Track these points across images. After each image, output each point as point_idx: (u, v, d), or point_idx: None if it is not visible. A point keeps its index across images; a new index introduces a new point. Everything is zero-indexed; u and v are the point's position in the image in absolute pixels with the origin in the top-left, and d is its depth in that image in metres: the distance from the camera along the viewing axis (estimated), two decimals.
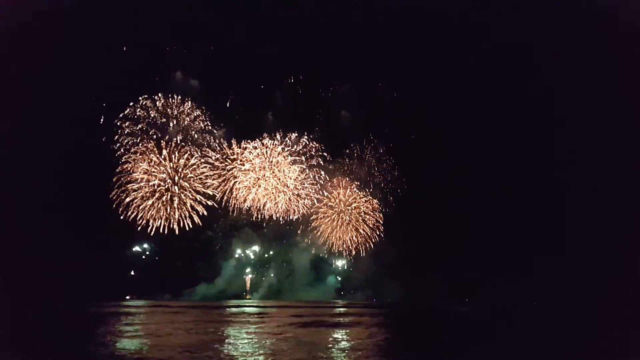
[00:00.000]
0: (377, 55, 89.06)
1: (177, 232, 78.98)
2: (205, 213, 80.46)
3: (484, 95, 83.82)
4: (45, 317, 46.52)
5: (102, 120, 77.75)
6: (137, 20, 74.90)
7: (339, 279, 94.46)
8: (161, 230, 78.43)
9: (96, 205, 75.59)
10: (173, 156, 79.51)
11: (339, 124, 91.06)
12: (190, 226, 79.76)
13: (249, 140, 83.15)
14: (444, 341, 34.37)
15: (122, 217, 76.70)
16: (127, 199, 77.16)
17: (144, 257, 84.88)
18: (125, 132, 78.44)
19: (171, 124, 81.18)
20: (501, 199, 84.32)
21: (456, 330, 43.66)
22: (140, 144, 78.53)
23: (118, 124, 78.23)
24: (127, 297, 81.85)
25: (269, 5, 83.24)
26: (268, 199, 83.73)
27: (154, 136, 79.40)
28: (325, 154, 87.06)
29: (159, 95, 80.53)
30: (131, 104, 78.98)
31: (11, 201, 61.04)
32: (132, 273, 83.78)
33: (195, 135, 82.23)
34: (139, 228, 77.93)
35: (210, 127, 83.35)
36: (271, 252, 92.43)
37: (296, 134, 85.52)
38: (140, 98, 79.48)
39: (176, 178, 79.41)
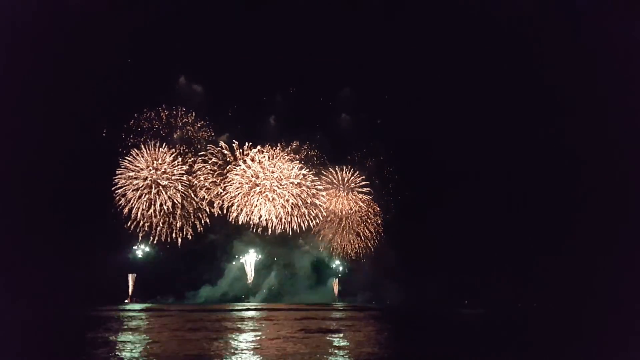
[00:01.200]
0: (377, 59, 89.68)
1: (179, 242, 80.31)
2: (208, 221, 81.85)
3: (483, 97, 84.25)
4: (44, 320, 47.30)
5: (104, 132, 79.09)
6: (138, 23, 75.87)
7: (340, 281, 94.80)
8: (163, 239, 79.82)
9: (99, 210, 76.84)
10: (175, 162, 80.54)
11: (340, 128, 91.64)
12: (193, 235, 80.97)
13: (251, 147, 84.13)
14: (444, 344, 34.44)
15: (124, 227, 78.34)
16: (128, 207, 78.62)
17: (147, 260, 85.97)
18: (129, 143, 79.77)
19: (174, 135, 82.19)
20: (501, 201, 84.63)
21: (456, 334, 43.71)
22: (145, 153, 79.88)
23: (122, 135, 79.76)
24: (126, 301, 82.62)
25: (269, 9, 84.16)
26: (271, 205, 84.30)
27: (157, 145, 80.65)
28: (327, 162, 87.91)
29: (163, 106, 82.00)
30: (135, 115, 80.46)
31: (15, 205, 62.35)
32: (135, 276, 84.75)
33: (199, 145, 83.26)
34: (140, 238, 79.46)
35: (214, 137, 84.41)
36: (275, 258, 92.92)
37: (297, 143, 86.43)
38: (144, 110, 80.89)
39: (179, 186, 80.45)
